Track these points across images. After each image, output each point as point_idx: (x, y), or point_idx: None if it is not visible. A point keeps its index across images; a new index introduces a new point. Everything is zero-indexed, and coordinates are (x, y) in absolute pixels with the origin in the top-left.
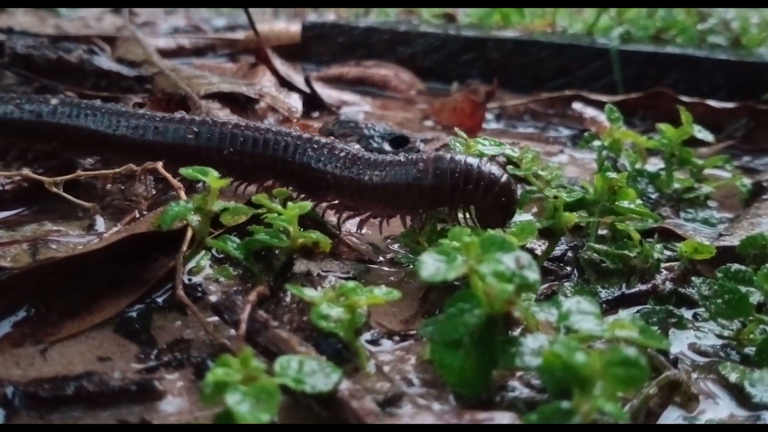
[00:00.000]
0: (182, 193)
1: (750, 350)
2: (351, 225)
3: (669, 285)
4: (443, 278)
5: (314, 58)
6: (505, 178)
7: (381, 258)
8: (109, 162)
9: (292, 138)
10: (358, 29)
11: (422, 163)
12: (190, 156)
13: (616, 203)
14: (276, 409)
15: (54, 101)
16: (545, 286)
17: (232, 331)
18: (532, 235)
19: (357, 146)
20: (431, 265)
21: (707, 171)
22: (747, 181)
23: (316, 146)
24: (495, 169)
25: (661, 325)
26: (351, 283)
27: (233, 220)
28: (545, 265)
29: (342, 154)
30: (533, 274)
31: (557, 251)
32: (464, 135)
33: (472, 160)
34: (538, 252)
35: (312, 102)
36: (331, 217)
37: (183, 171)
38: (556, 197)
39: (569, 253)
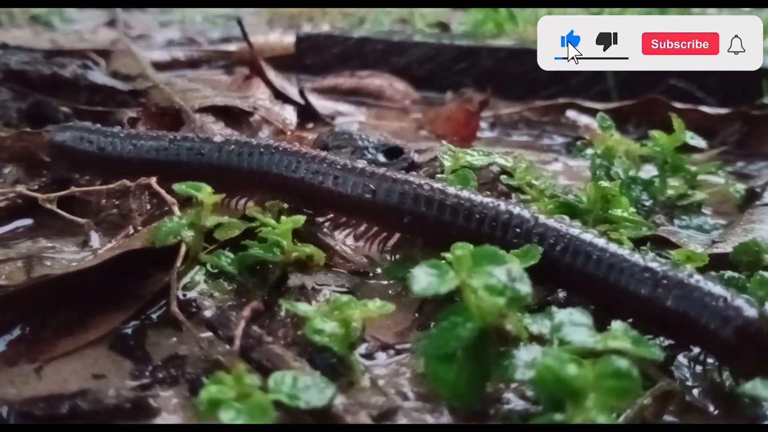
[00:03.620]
0: (176, 209)
1: None
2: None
3: None
4: (435, 292)
5: (309, 68)
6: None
7: (378, 270)
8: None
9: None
10: (352, 40)
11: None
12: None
13: (610, 212)
14: None
15: (218, 138)
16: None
17: (227, 347)
18: (534, 260)
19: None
20: (423, 279)
21: (702, 177)
22: (741, 186)
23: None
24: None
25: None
26: (345, 297)
27: (227, 235)
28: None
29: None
30: (525, 287)
31: None
32: (452, 147)
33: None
34: None
35: (306, 113)
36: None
37: (176, 187)
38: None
39: None
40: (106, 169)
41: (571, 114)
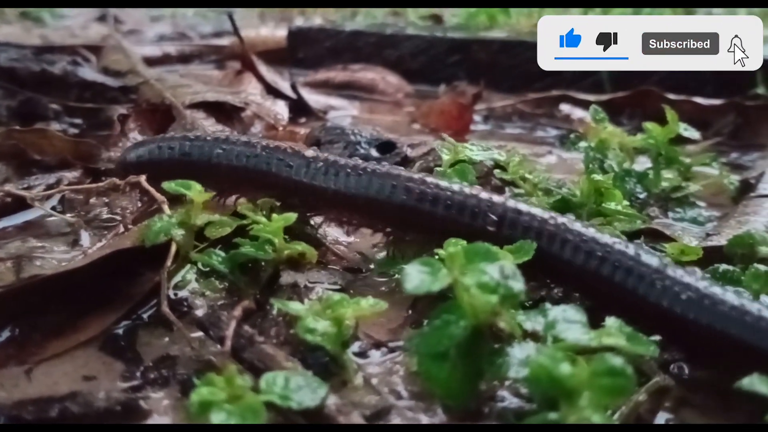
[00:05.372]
0: (166, 207)
1: None
2: (339, 233)
3: None
4: (427, 290)
5: (301, 62)
6: None
7: (371, 266)
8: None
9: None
10: (344, 33)
11: None
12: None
13: (603, 205)
14: None
15: (310, 152)
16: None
17: (218, 347)
18: (528, 256)
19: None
20: (415, 277)
21: (696, 169)
22: (735, 178)
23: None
24: None
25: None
26: (337, 295)
27: (217, 233)
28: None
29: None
30: (518, 284)
31: None
32: (452, 141)
33: None
34: None
35: (299, 108)
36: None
37: (165, 185)
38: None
39: None
40: (188, 176)
41: (564, 106)
